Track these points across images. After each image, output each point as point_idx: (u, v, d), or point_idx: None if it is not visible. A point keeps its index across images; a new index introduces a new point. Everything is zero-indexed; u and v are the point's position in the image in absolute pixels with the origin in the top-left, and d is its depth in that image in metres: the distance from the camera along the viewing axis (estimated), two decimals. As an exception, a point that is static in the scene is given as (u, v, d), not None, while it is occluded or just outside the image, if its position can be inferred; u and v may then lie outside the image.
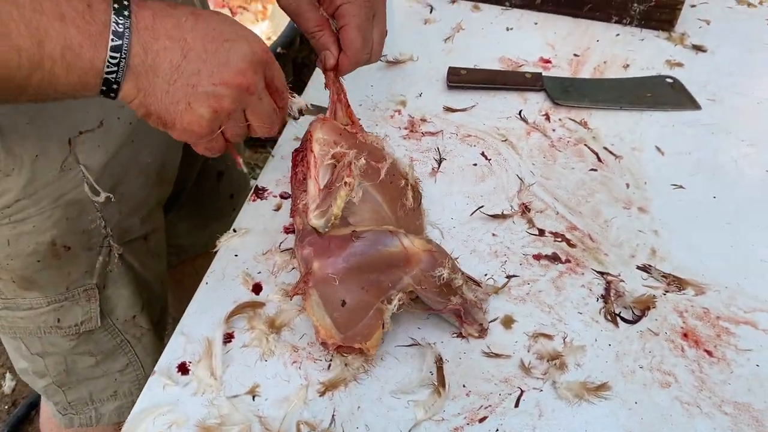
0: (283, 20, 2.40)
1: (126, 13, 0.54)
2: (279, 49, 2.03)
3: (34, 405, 1.67)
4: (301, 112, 0.72)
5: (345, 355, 0.67)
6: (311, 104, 0.74)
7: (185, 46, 0.56)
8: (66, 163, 0.75)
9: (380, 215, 0.72)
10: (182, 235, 1.16)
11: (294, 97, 0.70)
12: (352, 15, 0.72)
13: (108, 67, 0.54)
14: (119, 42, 0.54)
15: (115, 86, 0.55)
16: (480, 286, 0.72)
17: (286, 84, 0.67)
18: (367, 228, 0.68)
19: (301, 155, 0.73)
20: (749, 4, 1.18)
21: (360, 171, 0.68)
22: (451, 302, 0.67)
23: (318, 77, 1.01)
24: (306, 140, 0.73)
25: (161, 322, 1.04)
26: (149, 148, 0.84)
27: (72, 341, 0.89)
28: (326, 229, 0.67)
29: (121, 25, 0.54)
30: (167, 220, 1.07)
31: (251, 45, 0.59)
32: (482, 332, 0.69)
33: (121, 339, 0.92)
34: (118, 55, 0.54)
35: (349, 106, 0.79)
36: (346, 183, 0.66)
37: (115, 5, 0.54)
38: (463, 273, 0.69)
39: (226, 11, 2.56)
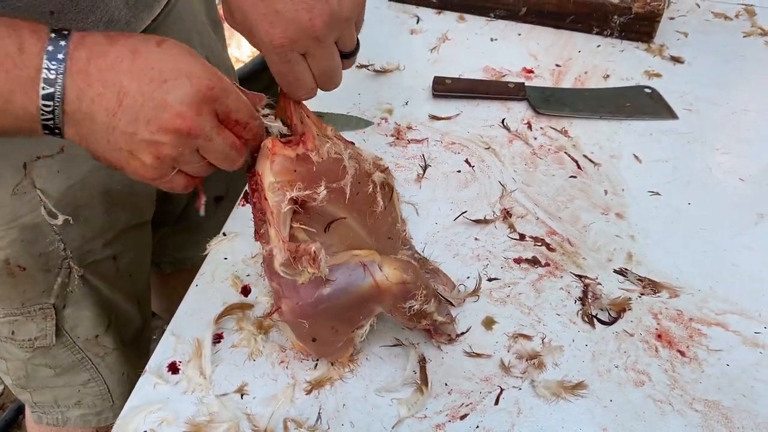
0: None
1: (60, 56, 0.50)
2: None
3: (22, 409, 1.68)
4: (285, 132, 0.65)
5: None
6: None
7: (121, 90, 0.51)
8: (19, 187, 0.73)
9: (349, 236, 0.69)
10: (178, 249, 1.16)
11: (270, 119, 0.63)
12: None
13: (43, 114, 0.51)
14: (51, 90, 0.50)
15: (57, 131, 0.53)
16: (453, 305, 0.74)
17: (255, 111, 0.60)
18: (336, 262, 0.64)
19: (253, 181, 0.64)
20: (726, 17, 1.22)
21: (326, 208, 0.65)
22: (421, 324, 0.67)
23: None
24: (256, 180, 0.64)
25: (138, 340, 1.01)
26: (122, 175, 0.81)
27: (27, 353, 0.88)
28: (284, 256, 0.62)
29: (53, 71, 0.50)
30: (161, 233, 1.06)
31: (193, 83, 0.53)
32: (451, 341, 0.71)
33: (82, 356, 0.91)
34: (51, 103, 0.51)
35: (309, 115, 0.69)
36: (309, 272, 0.60)
37: (50, 47, 0.50)
38: (436, 295, 0.67)
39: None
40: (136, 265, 0.96)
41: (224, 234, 0.82)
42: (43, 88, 0.50)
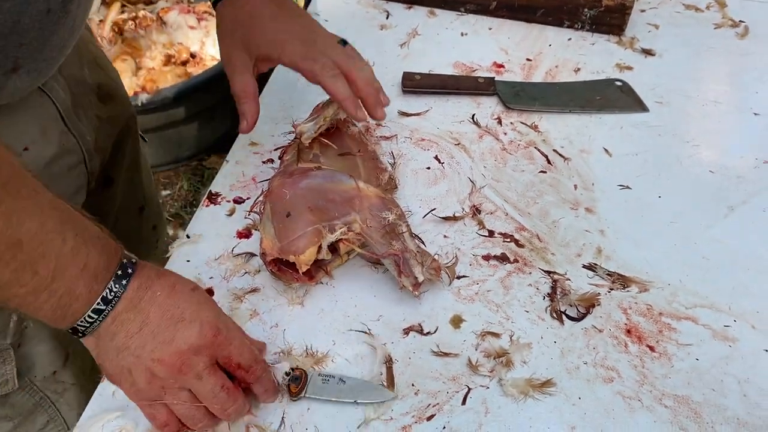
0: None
1: (124, 282, 0.56)
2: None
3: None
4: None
5: (279, 277, 0.74)
6: None
7: (145, 320, 0.57)
8: None
9: (351, 169, 0.80)
10: None
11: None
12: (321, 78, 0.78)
13: (81, 322, 0.56)
14: (103, 308, 0.55)
15: (80, 335, 0.57)
16: (423, 243, 0.78)
17: (258, 356, 0.63)
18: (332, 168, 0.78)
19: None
20: (697, 9, 1.22)
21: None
22: (393, 247, 0.70)
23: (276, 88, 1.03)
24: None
25: (95, 368, 0.97)
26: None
27: None
28: (311, 135, 0.81)
29: (113, 293, 0.56)
30: None
31: (202, 328, 0.58)
32: (415, 286, 0.70)
33: (41, 396, 0.87)
34: (96, 317, 0.56)
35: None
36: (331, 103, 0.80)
37: (119, 271, 0.56)
38: (409, 227, 0.74)
39: (192, 17, 2.55)
40: None
41: (188, 236, 0.80)
42: (98, 304, 0.55)
